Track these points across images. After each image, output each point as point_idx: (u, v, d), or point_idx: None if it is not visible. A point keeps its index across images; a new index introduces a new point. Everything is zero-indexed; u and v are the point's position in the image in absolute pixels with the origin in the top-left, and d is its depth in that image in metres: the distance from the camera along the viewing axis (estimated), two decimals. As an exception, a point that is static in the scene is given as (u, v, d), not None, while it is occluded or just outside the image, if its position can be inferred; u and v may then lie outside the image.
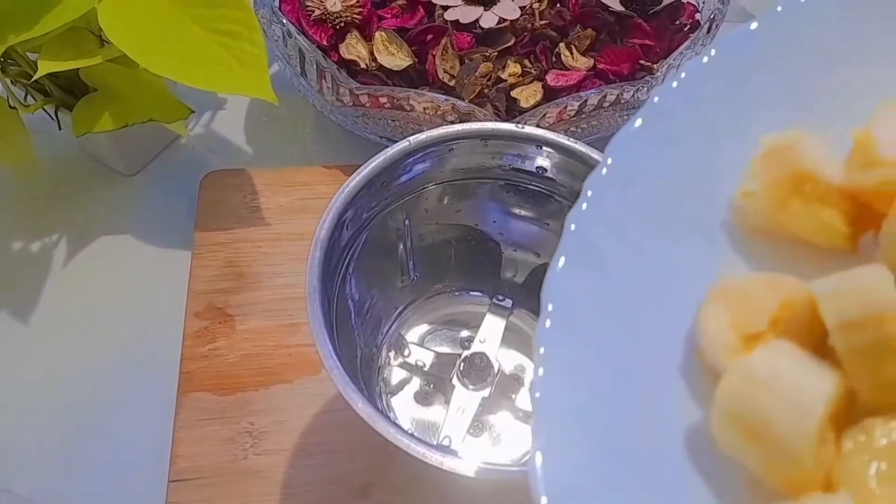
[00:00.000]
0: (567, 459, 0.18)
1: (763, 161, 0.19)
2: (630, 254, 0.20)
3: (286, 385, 0.40)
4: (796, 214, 0.18)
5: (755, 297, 0.18)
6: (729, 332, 0.18)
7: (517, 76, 0.46)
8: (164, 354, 0.41)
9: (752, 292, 0.18)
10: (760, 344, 0.17)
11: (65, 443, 0.39)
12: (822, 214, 0.18)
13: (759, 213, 0.19)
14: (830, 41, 0.21)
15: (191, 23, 0.39)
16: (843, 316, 0.16)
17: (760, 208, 0.19)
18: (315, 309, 0.29)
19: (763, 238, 0.20)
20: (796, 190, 0.18)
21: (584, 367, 0.19)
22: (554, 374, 0.19)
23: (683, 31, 0.49)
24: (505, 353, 0.41)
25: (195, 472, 0.37)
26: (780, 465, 0.16)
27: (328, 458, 0.38)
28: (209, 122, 0.53)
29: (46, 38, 0.39)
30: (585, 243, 0.20)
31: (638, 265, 0.20)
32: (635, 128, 0.21)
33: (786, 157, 0.19)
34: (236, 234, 0.46)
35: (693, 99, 0.21)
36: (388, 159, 0.34)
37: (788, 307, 0.17)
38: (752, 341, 0.17)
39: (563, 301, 0.19)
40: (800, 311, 0.17)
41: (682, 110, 0.21)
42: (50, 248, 0.46)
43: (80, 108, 0.43)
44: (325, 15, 0.45)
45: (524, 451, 0.39)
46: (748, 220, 0.19)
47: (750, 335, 0.17)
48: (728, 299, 0.18)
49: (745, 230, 0.20)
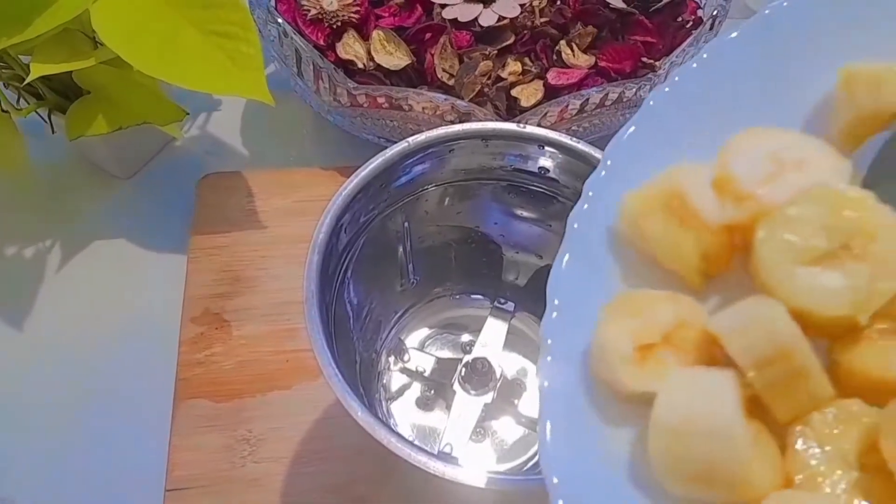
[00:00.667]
0: (574, 442, 0.19)
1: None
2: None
3: (284, 391, 0.40)
4: (656, 229, 0.20)
5: (653, 312, 0.19)
6: (625, 341, 0.19)
7: (517, 75, 0.45)
8: (160, 361, 0.41)
9: (652, 307, 0.19)
10: (653, 355, 0.19)
11: (60, 451, 0.39)
12: (678, 236, 0.19)
13: (629, 214, 0.20)
14: (818, 47, 0.22)
15: (185, 24, 0.39)
16: (753, 355, 0.17)
17: (632, 210, 0.20)
18: (313, 315, 0.29)
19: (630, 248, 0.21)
20: (665, 205, 0.19)
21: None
22: (560, 363, 0.20)
23: (686, 27, 0.48)
24: (507, 357, 0.40)
25: (192, 481, 0.37)
26: (733, 492, 0.17)
27: (327, 466, 0.37)
28: (205, 125, 0.52)
29: (39, 41, 0.38)
30: (588, 241, 0.21)
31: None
32: (631, 131, 0.22)
33: (669, 175, 0.20)
34: (233, 237, 0.45)
35: (686, 101, 0.22)
36: (386, 161, 0.33)
37: (683, 325, 0.19)
38: (645, 351, 0.19)
39: (568, 295, 0.21)
40: (692, 329, 0.19)
41: (674, 112, 0.22)
42: (44, 253, 0.46)
43: (73, 111, 0.42)
44: (322, 14, 0.45)
45: (527, 457, 0.38)
46: (622, 225, 0.21)
47: (644, 346, 0.19)
48: (628, 311, 0.20)
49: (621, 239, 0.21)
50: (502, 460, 0.38)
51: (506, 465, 0.38)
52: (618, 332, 0.19)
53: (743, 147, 0.20)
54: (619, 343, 0.19)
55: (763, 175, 0.19)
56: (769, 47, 0.22)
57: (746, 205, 0.19)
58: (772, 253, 0.18)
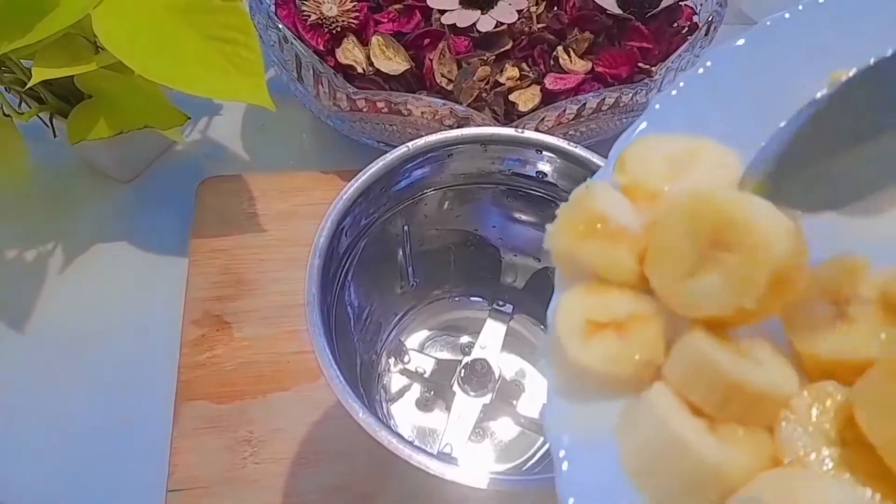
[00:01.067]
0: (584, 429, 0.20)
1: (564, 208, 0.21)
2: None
3: (285, 393, 0.40)
4: (590, 253, 0.20)
5: (612, 299, 0.20)
6: (579, 312, 0.20)
7: (515, 80, 0.46)
8: (162, 363, 0.41)
9: (612, 294, 0.20)
10: (600, 334, 0.20)
11: (61, 453, 0.39)
12: (612, 252, 0.20)
13: (562, 252, 0.21)
14: (816, 57, 0.23)
15: (186, 29, 0.39)
16: (711, 402, 0.18)
17: (562, 247, 0.21)
18: (314, 317, 0.29)
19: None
20: (590, 230, 0.20)
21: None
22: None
23: (681, 33, 0.49)
24: (506, 359, 0.40)
25: (193, 482, 0.37)
26: (720, 490, 0.18)
27: (328, 467, 0.38)
28: (205, 129, 0.52)
29: (40, 45, 0.39)
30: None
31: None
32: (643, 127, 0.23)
33: (582, 203, 0.21)
34: (233, 240, 0.45)
35: (687, 105, 0.23)
36: (386, 165, 0.33)
37: (636, 318, 0.20)
38: (594, 328, 0.20)
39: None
40: (643, 322, 0.20)
41: (678, 116, 0.23)
42: (45, 257, 0.46)
43: (75, 116, 0.42)
44: (322, 20, 0.45)
45: (526, 456, 0.38)
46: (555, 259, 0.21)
47: (595, 322, 0.20)
48: (589, 292, 0.20)
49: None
50: (501, 460, 0.38)
51: (505, 465, 0.38)
52: (573, 304, 0.20)
53: (638, 156, 0.22)
54: (572, 313, 0.20)
55: (663, 174, 0.21)
56: (768, 57, 0.23)
57: (659, 202, 0.20)
58: (656, 274, 0.19)
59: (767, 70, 0.23)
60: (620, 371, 0.19)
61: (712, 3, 0.47)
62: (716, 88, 0.23)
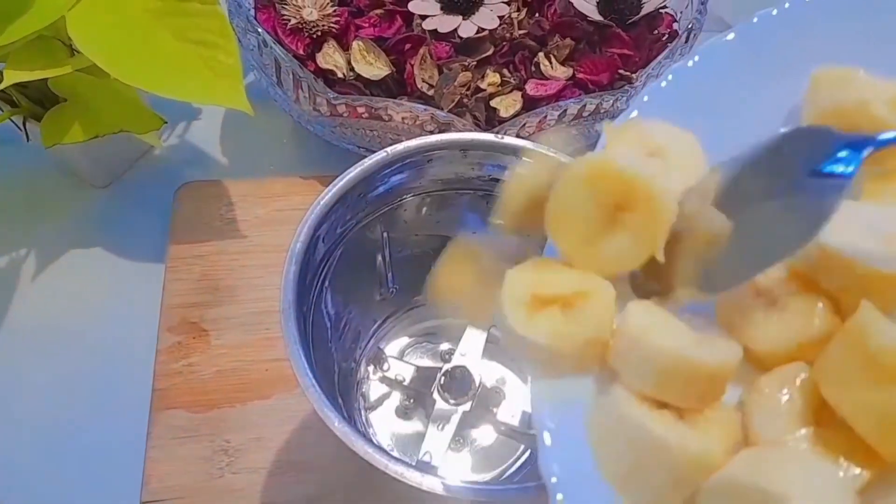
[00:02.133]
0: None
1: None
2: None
3: (263, 401, 0.39)
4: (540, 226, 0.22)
5: (559, 276, 0.21)
6: (523, 287, 0.21)
7: (496, 86, 0.46)
8: (137, 371, 0.40)
9: (559, 271, 0.21)
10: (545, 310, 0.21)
11: (33, 463, 0.38)
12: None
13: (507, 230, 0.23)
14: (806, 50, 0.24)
15: (163, 32, 0.38)
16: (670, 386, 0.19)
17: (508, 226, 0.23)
18: (290, 326, 0.29)
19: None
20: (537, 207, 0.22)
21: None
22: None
23: (662, 40, 0.49)
24: (486, 366, 0.40)
25: (169, 493, 0.36)
26: (694, 475, 0.18)
27: (306, 476, 0.37)
28: (183, 133, 0.52)
29: (13, 47, 0.38)
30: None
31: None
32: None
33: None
34: (212, 246, 0.45)
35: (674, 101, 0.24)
36: (363, 171, 0.33)
37: (581, 294, 0.21)
38: (539, 304, 0.21)
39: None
40: (588, 299, 0.21)
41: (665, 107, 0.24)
42: (18, 263, 0.45)
43: (49, 119, 0.42)
44: (302, 24, 0.45)
45: (506, 465, 0.38)
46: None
47: (539, 297, 0.21)
48: (537, 268, 0.22)
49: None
50: (482, 468, 0.38)
51: (485, 473, 0.38)
52: (520, 278, 0.21)
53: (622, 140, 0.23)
54: (517, 286, 0.21)
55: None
56: (754, 53, 0.24)
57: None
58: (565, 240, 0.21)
59: (753, 65, 0.24)
60: (565, 347, 0.20)
61: (692, 11, 0.48)
62: (703, 82, 0.24)
